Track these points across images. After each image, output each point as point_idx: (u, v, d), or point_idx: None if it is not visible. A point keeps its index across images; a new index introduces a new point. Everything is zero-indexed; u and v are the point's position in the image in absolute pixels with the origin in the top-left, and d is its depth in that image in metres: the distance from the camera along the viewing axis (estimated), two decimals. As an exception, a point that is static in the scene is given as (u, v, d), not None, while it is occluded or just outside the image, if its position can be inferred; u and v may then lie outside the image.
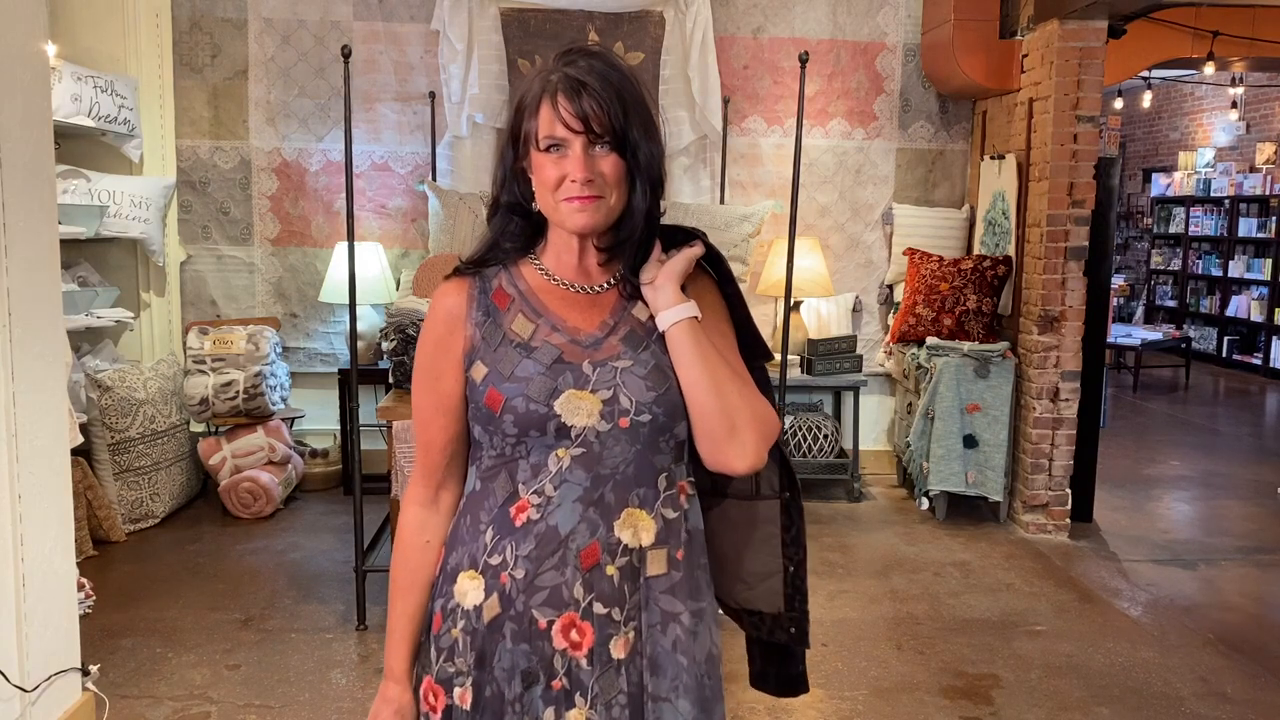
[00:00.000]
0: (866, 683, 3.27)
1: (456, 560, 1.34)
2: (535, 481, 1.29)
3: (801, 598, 1.49)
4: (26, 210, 2.52)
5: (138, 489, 4.57)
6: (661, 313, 1.31)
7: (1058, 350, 4.70)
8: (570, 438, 1.28)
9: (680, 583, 1.33)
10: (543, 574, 1.28)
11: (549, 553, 1.28)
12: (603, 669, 1.29)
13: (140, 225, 4.83)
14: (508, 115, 1.34)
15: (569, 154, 1.26)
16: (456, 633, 1.32)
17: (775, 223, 5.31)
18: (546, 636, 1.28)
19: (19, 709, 2.53)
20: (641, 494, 1.31)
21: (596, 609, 1.29)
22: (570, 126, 1.25)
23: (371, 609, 3.66)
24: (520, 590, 1.28)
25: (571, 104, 1.24)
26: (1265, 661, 3.50)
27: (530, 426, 1.28)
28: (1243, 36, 4.99)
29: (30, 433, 2.55)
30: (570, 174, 1.26)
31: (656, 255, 1.34)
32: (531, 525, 1.29)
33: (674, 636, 1.32)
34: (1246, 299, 10.18)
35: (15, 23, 2.48)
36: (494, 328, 1.33)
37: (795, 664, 1.54)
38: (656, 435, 1.31)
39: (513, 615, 1.29)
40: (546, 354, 1.30)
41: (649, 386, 1.30)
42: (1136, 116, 12.02)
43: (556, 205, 1.28)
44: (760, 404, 1.33)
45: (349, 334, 3.66)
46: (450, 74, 5.12)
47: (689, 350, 1.29)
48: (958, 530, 4.79)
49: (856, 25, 5.39)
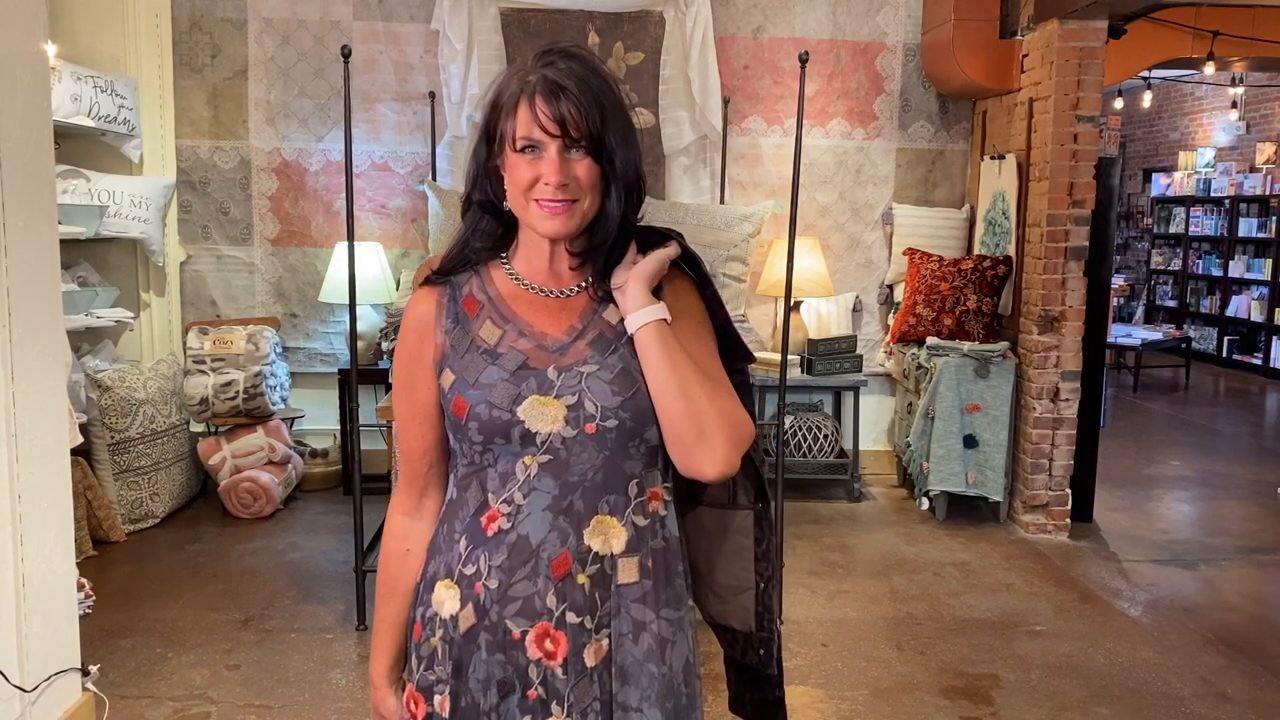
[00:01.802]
0: (866, 683, 3.27)
1: (434, 569, 1.34)
2: (504, 490, 1.28)
3: (770, 618, 1.47)
4: (26, 210, 2.52)
5: (138, 489, 4.56)
6: (629, 315, 1.28)
7: (1058, 350, 4.70)
8: (536, 444, 1.26)
9: (651, 591, 1.30)
10: (515, 584, 1.27)
11: (521, 563, 1.27)
12: (578, 678, 1.28)
13: (140, 225, 4.83)
14: (483, 111, 1.32)
15: (544, 156, 1.24)
16: (435, 641, 1.31)
17: (775, 223, 5.31)
18: (521, 647, 1.27)
19: (19, 709, 2.53)
20: (611, 501, 1.28)
21: (569, 618, 1.27)
22: (547, 130, 1.22)
23: (371, 609, 3.65)
24: (494, 601, 1.27)
25: (549, 107, 1.22)
26: (1265, 661, 3.50)
27: (494, 433, 1.26)
28: (1243, 36, 4.99)
29: (30, 433, 2.55)
30: (544, 177, 1.23)
31: (630, 258, 1.32)
32: (503, 535, 1.28)
33: (646, 646, 1.29)
34: (1246, 299, 10.18)
35: (15, 23, 2.48)
36: (462, 334, 1.32)
37: (771, 689, 1.50)
38: (625, 441, 1.28)
39: (487, 625, 1.28)
40: (511, 360, 1.29)
41: (615, 391, 1.27)
42: (1136, 116, 12.02)
43: (527, 206, 1.27)
44: (731, 407, 1.28)
45: (349, 334, 3.66)
46: (450, 74, 5.12)
47: (656, 353, 1.26)
48: (958, 530, 4.79)
49: (856, 25, 5.39)
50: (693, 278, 1.39)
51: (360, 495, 3.66)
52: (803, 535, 4.66)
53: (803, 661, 3.39)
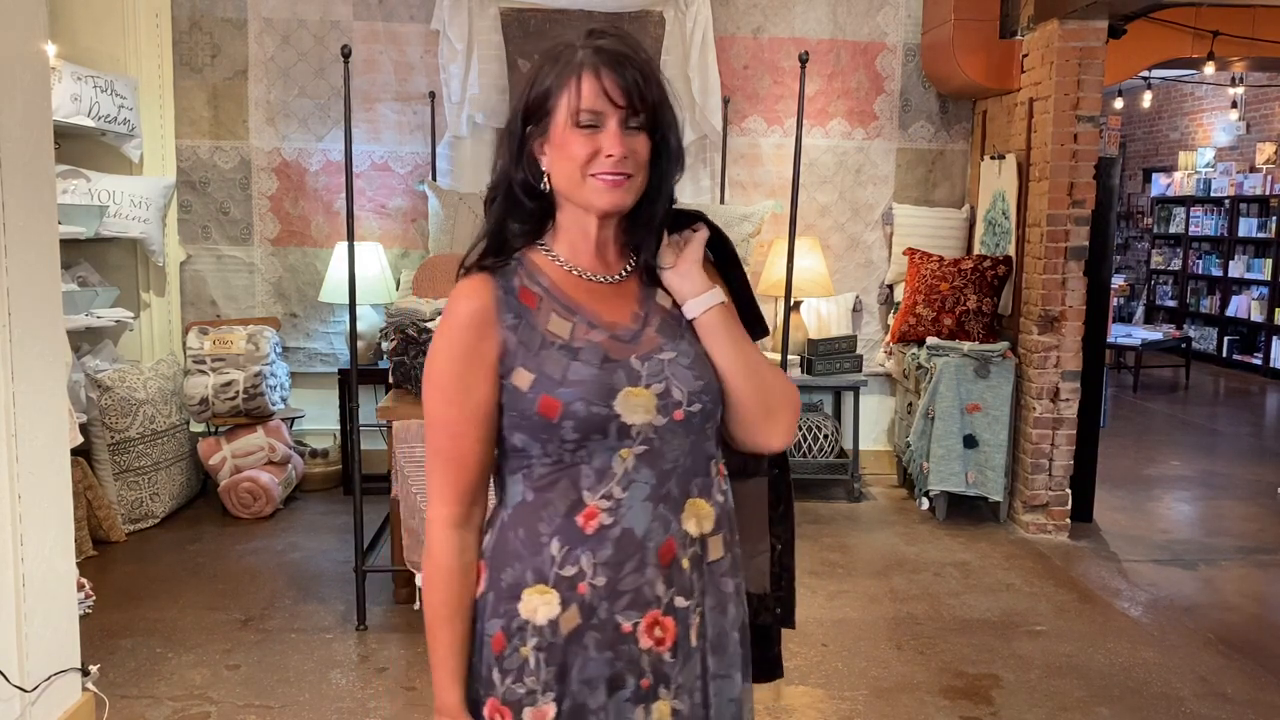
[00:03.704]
0: (866, 683, 3.27)
1: (514, 577, 1.27)
2: (602, 486, 1.25)
3: (789, 577, 1.50)
4: (26, 210, 2.52)
5: (138, 489, 4.56)
6: (690, 300, 1.31)
7: (1058, 350, 4.70)
8: (631, 437, 1.25)
9: (730, 563, 1.36)
10: (624, 578, 1.26)
11: (627, 556, 1.26)
12: (684, 659, 1.30)
13: (140, 225, 4.83)
14: (522, 93, 1.29)
15: (603, 130, 1.23)
16: (527, 651, 1.26)
17: (775, 223, 5.31)
18: (632, 639, 1.26)
19: (19, 709, 2.53)
20: (700, 483, 1.31)
21: (678, 603, 1.29)
22: (613, 100, 1.22)
23: (371, 609, 3.66)
24: (602, 598, 1.25)
25: (617, 76, 1.22)
26: (1265, 661, 3.50)
27: (592, 430, 1.24)
28: (1243, 36, 4.99)
29: (30, 433, 2.55)
30: (605, 149, 1.22)
31: (667, 240, 1.33)
32: (605, 531, 1.25)
33: (730, 616, 1.35)
34: (1246, 299, 10.18)
35: (15, 23, 2.48)
36: (529, 329, 1.27)
37: (772, 646, 1.54)
38: (704, 423, 1.30)
39: (595, 624, 1.26)
40: (593, 354, 1.26)
41: (695, 376, 1.29)
42: (1136, 116, 12.02)
43: (584, 182, 1.24)
44: (787, 382, 1.36)
45: (349, 334, 3.66)
46: (450, 74, 5.12)
47: (723, 336, 1.30)
48: (958, 530, 4.79)
49: (856, 25, 5.39)
50: (710, 257, 1.41)
51: (360, 495, 3.66)
52: (803, 535, 4.66)
53: (803, 661, 3.39)
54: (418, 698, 3.10)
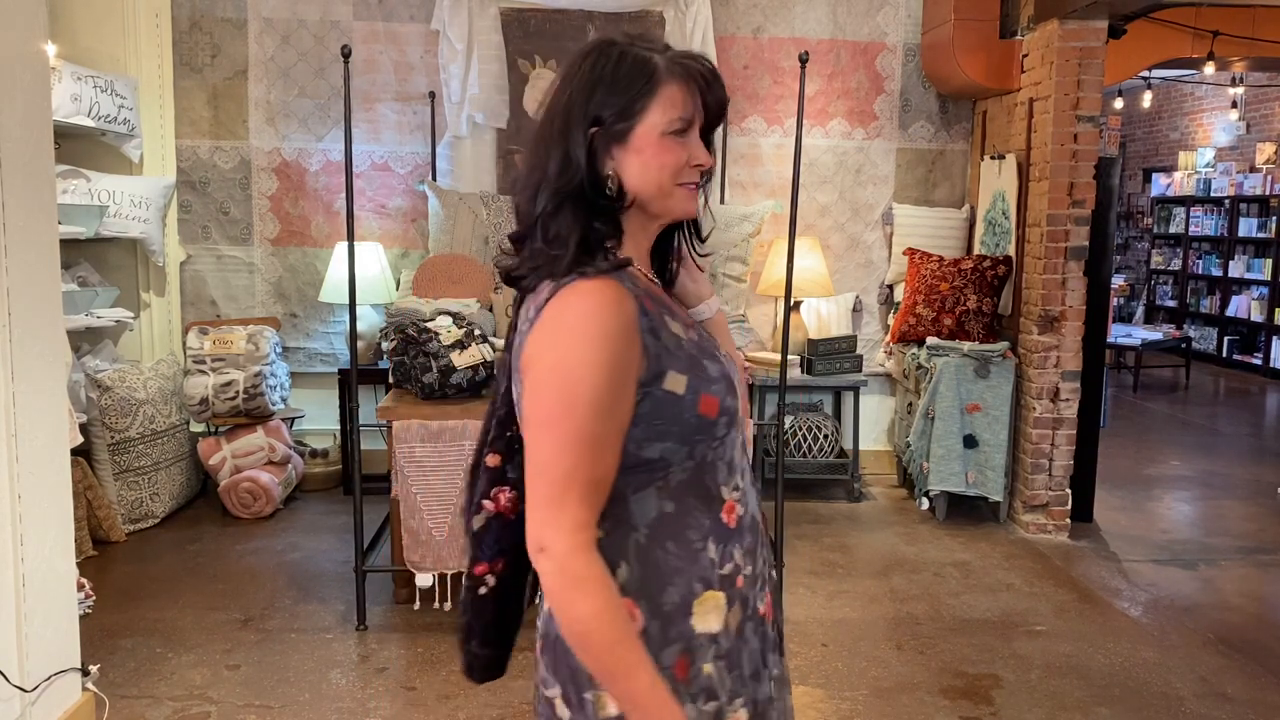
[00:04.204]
0: (866, 683, 3.27)
1: (681, 594, 1.20)
2: (732, 478, 1.27)
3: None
4: (26, 210, 2.52)
5: (138, 489, 4.56)
6: (709, 300, 1.41)
7: (1058, 350, 4.70)
8: (739, 425, 1.29)
9: None
10: (759, 562, 1.30)
11: (757, 539, 1.30)
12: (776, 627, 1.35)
13: (140, 225, 4.83)
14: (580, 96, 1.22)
15: (689, 139, 1.25)
16: (709, 668, 1.21)
17: (775, 223, 5.31)
18: (763, 619, 1.31)
19: (19, 709, 2.53)
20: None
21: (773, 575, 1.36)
22: (712, 112, 1.27)
23: (371, 609, 3.66)
24: (751, 586, 1.28)
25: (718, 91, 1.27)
26: (1265, 661, 3.50)
27: (733, 424, 1.27)
28: (1243, 36, 4.99)
29: (30, 433, 2.55)
30: (695, 158, 1.25)
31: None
32: (742, 520, 1.27)
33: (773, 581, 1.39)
34: (1246, 299, 10.18)
35: (15, 23, 2.49)
36: (664, 333, 1.22)
37: None
38: None
39: (749, 615, 1.27)
40: (711, 347, 1.28)
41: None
42: (1136, 116, 12.02)
43: (672, 190, 1.24)
44: None
45: (349, 334, 3.66)
46: (450, 74, 5.12)
47: (727, 333, 1.42)
48: (958, 530, 4.79)
49: (856, 25, 5.39)
50: None
51: (360, 495, 3.66)
52: (803, 535, 4.66)
53: (803, 661, 3.39)
54: (418, 698, 3.11)
